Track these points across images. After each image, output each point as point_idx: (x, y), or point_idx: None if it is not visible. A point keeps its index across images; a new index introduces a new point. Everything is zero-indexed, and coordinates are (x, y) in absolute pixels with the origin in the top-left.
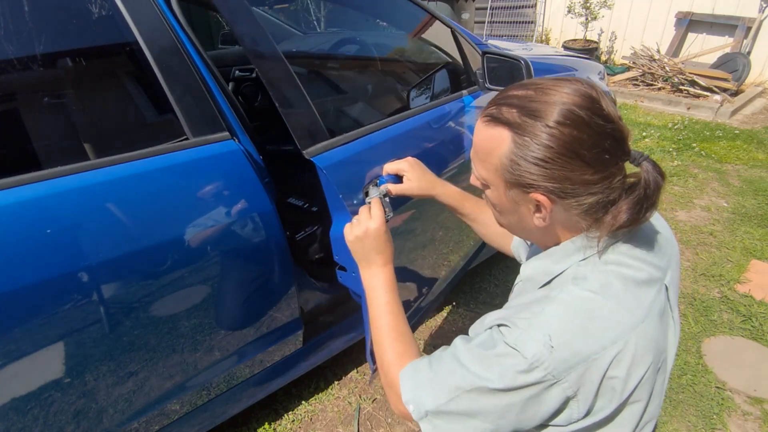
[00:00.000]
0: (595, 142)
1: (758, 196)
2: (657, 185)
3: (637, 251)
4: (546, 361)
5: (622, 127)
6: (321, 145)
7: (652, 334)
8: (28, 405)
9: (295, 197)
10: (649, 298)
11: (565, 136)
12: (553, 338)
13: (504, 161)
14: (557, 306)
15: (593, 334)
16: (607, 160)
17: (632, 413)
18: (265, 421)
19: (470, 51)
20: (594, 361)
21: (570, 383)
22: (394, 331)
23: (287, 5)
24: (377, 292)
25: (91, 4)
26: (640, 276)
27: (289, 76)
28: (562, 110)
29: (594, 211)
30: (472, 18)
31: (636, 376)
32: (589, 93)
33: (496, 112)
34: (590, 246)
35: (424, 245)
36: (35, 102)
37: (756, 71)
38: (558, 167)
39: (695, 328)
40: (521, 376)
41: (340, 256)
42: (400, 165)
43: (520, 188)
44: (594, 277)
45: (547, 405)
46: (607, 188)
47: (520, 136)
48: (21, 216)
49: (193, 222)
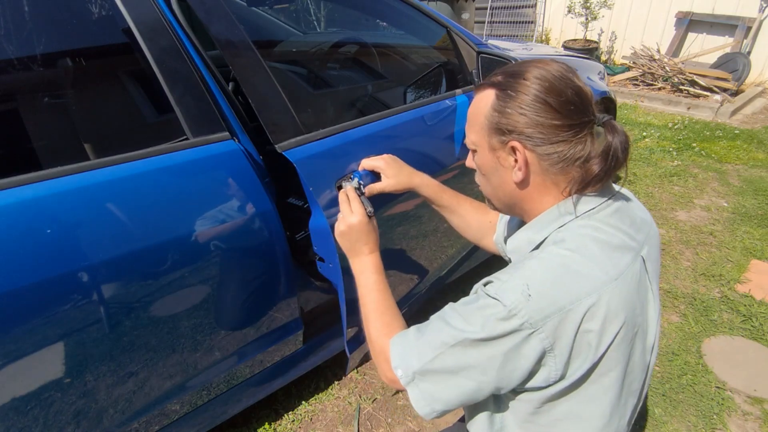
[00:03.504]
0: (562, 92)
1: (758, 196)
2: (621, 143)
3: (612, 220)
4: (523, 309)
5: (586, 89)
6: (294, 140)
7: (626, 294)
8: (28, 405)
9: (295, 197)
10: (624, 262)
11: (536, 86)
12: (530, 287)
13: (488, 112)
14: (536, 261)
15: (568, 285)
16: (572, 110)
17: (608, 383)
18: (265, 421)
19: (466, 50)
20: (569, 312)
21: (546, 333)
22: (381, 305)
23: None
24: (366, 275)
25: (91, 4)
26: (614, 241)
27: (263, 73)
28: (537, 71)
29: (565, 166)
30: (472, 18)
31: (610, 332)
32: (560, 66)
33: (485, 81)
34: (566, 212)
35: (426, 235)
36: (35, 102)
37: (756, 71)
38: (532, 111)
39: (695, 328)
40: (501, 324)
41: (318, 247)
42: (377, 162)
43: (500, 136)
44: (571, 239)
45: (526, 358)
46: (574, 138)
47: (503, 91)
48: (21, 216)
49: (193, 222)
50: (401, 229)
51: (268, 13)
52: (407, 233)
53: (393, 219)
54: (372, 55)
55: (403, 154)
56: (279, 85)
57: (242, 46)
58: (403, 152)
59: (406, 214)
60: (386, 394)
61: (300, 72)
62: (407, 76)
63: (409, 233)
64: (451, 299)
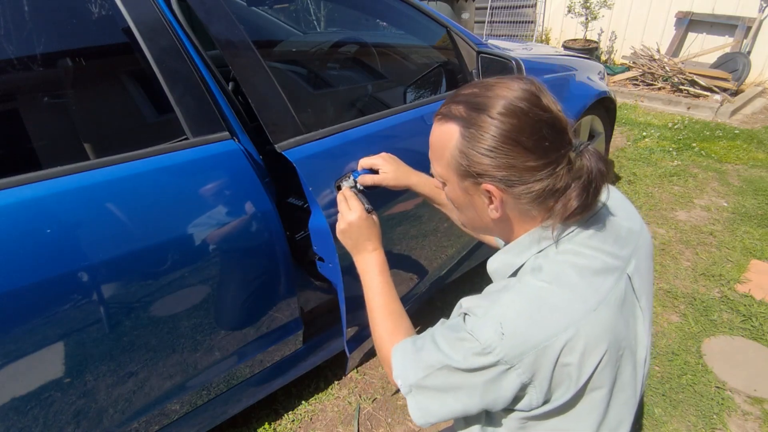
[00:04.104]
0: (534, 130)
1: (758, 196)
2: (599, 171)
3: (592, 241)
4: (497, 347)
5: (560, 117)
6: (294, 140)
7: (607, 322)
8: (28, 405)
9: (295, 197)
10: (606, 287)
11: (505, 125)
12: (504, 326)
13: (455, 154)
14: (512, 295)
15: (544, 321)
16: (548, 147)
17: (596, 400)
18: (265, 421)
19: (466, 50)
20: (545, 348)
21: (524, 369)
22: (385, 309)
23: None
24: (370, 275)
25: (91, 4)
26: (595, 265)
27: (263, 73)
28: (502, 103)
29: (543, 200)
30: (472, 18)
31: (590, 363)
32: (528, 88)
33: (445, 110)
34: (545, 237)
35: (426, 234)
36: (35, 102)
37: (756, 71)
38: (502, 155)
39: (695, 328)
40: (478, 358)
41: (318, 247)
42: (375, 160)
43: (471, 179)
44: (549, 267)
45: (506, 390)
46: (551, 175)
47: (467, 129)
48: (21, 216)
49: (193, 222)
50: (401, 229)
51: (268, 13)
52: (407, 233)
53: (393, 219)
54: (372, 55)
55: (403, 153)
56: (279, 85)
57: (242, 46)
58: (402, 152)
59: (406, 214)
60: (386, 394)
61: (300, 72)
62: (407, 76)
63: (409, 233)
64: (451, 299)
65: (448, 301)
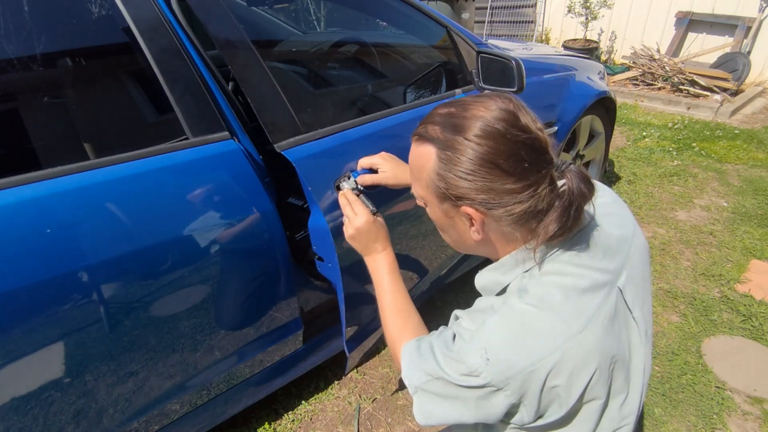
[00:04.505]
0: (512, 152)
1: (758, 196)
2: (581, 192)
3: (579, 258)
4: (483, 372)
5: (540, 137)
6: (293, 140)
7: (595, 343)
8: (28, 405)
9: (295, 197)
10: (593, 305)
11: (482, 148)
12: (489, 352)
13: (432, 176)
14: (497, 319)
15: (528, 347)
16: (527, 168)
17: (591, 411)
18: (265, 421)
19: (466, 50)
20: (531, 373)
21: (511, 391)
22: (395, 307)
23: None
24: (380, 274)
25: (91, 3)
26: (582, 284)
27: (263, 73)
28: (479, 124)
29: (525, 221)
30: (472, 18)
31: (580, 384)
32: (506, 107)
33: (422, 131)
34: (530, 258)
35: (426, 234)
36: (35, 102)
37: (756, 71)
38: (480, 178)
39: (695, 328)
40: (466, 378)
41: (317, 246)
42: (374, 159)
43: (450, 202)
44: (534, 290)
45: (496, 408)
46: (532, 197)
47: (443, 151)
48: (21, 216)
49: (193, 222)
50: (401, 229)
51: (268, 13)
52: (407, 233)
53: (393, 219)
54: (372, 54)
55: (403, 153)
56: (278, 85)
57: (242, 45)
58: (402, 152)
59: (406, 214)
60: (386, 394)
61: (299, 72)
62: (407, 76)
63: (409, 233)
64: (451, 299)
65: (448, 301)
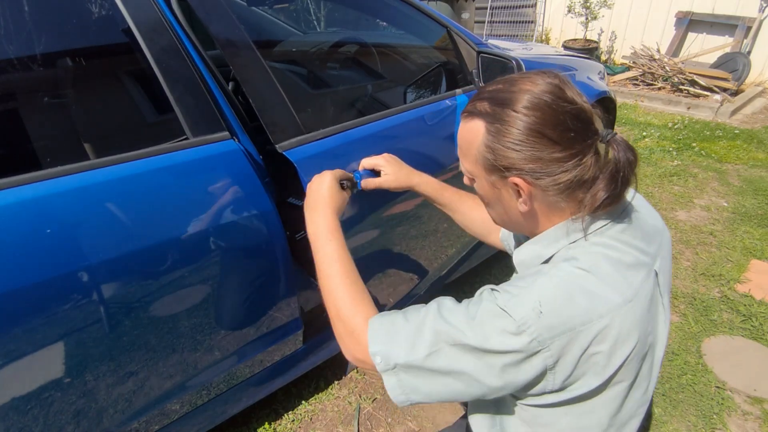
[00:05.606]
0: (558, 121)
1: (758, 196)
2: (628, 160)
3: (624, 236)
4: (533, 326)
5: (585, 108)
6: (294, 140)
7: (639, 315)
8: (28, 405)
9: (295, 197)
10: (638, 281)
11: (530, 119)
12: (543, 304)
13: (481, 149)
14: (549, 278)
15: (582, 306)
16: (573, 137)
17: (614, 393)
18: (265, 421)
19: (466, 50)
20: (579, 333)
21: (552, 352)
22: (346, 277)
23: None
24: (322, 239)
25: (91, 3)
26: (627, 259)
27: (263, 72)
28: (527, 97)
29: (572, 191)
30: (472, 18)
31: (620, 355)
32: (552, 81)
33: (471, 108)
34: (575, 230)
35: (426, 235)
36: (35, 102)
37: (756, 71)
38: (528, 147)
39: (695, 328)
40: (507, 338)
41: None
42: (376, 160)
43: (499, 174)
44: (584, 257)
45: (525, 374)
46: (578, 166)
47: (492, 124)
48: (21, 216)
49: (193, 222)
50: (401, 229)
51: (268, 13)
52: (407, 233)
53: (393, 219)
54: (372, 54)
55: (403, 153)
56: (279, 85)
57: (242, 45)
58: (403, 152)
59: (406, 214)
60: (386, 394)
61: (300, 72)
62: (407, 76)
63: (409, 233)
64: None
65: None
